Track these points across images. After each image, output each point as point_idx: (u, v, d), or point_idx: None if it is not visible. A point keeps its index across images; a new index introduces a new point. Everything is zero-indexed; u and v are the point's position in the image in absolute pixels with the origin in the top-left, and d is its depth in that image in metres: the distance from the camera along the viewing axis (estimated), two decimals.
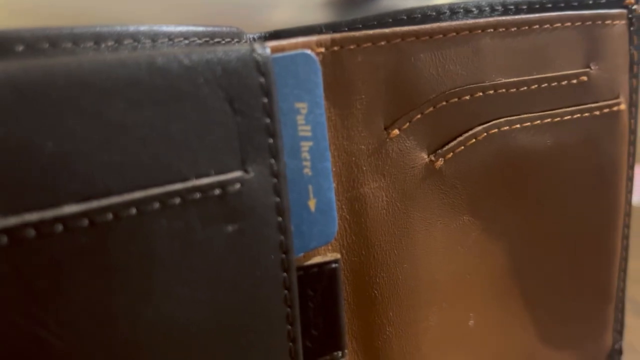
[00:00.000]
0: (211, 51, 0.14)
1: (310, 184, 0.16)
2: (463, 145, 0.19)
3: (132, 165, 0.13)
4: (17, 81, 0.11)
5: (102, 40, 0.13)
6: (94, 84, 0.12)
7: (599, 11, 0.21)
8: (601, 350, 0.25)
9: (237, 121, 0.14)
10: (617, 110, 0.22)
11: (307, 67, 0.15)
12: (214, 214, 0.14)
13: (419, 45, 0.17)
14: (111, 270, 0.13)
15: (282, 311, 0.15)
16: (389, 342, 0.18)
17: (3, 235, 0.11)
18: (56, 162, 0.12)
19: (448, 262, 0.19)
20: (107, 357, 0.13)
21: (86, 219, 0.12)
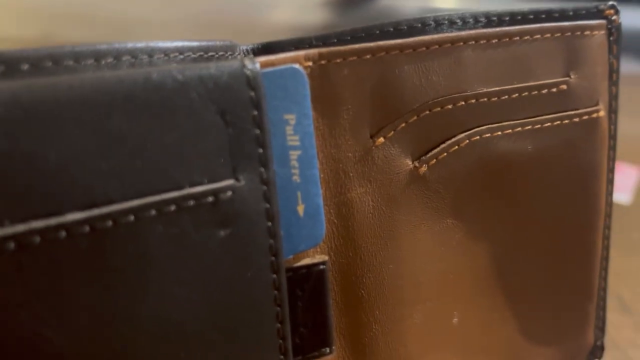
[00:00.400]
0: (204, 67, 0.15)
1: (299, 190, 0.17)
2: (446, 152, 0.20)
3: (130, 175, 0.13)
4: (22, 99, 0.12)
5: (102, 57, 0.14)
6: (94, 99, 0.13)
7: (578, 22, 0.22)
8: (583, 347, 0.26)
9: (228, 132, 0.15)
10: (597, 117, 0.22)
11: (296, 80, 0.16)
12: (207, 220, 0.15)
13: (402, 58, 0.18)
14: (110, 272, 0.13)
15: (272, 310, 0.16)
16: (376, 339, 0.19)
17: (10, 241, 0.12)
18: (59, 173, 0.13)
19: (432, 262, 0.20)
20: (105, 354, 0.14)
21: (87, 226, 0.13)
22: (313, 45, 0.18)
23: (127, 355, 0.14)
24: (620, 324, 0.33)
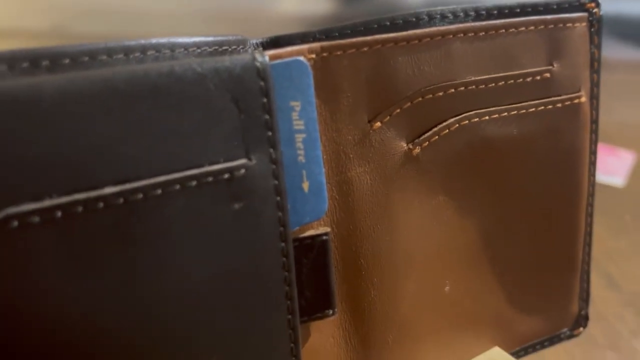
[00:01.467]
0: (219, 60, 0.17)
1: (304, 169, 0.19)
2: (437, 135, 0.22)
3: (157, 155, 0.16)
4: (66, 90, 0.14)
5: (130, 52, 0.16)
6: (126, 90, 0.15)
7: (561, 15, 0.23)
8: (568, 316, 0.28)
9: (241, 118, 0.17)
10: (578, 102, 0.24)
11: (300, 71, 0.18)
12: (223, 194, 0.17)
13: (397, 50, 0.20)
14: (139, 239, 0.16)
15: (281, 275, 0.18)
16: (373, 304, 0.22)
17: (58, 210, 0.14)
18: (98, 153, 0.15)
19: (425, 236, 0.22)
20: (131, 315, 0.16)
21: (121, 198, 0.15)
22: (317, 38, 0.20)
23: (151, 316, 0.16)
24: (608, 299, 0.35)
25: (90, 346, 0.15)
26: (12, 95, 0.14)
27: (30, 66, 0.15)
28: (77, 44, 0.16)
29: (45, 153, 0.14)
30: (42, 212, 0.14)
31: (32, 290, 0.14)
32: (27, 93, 0.14)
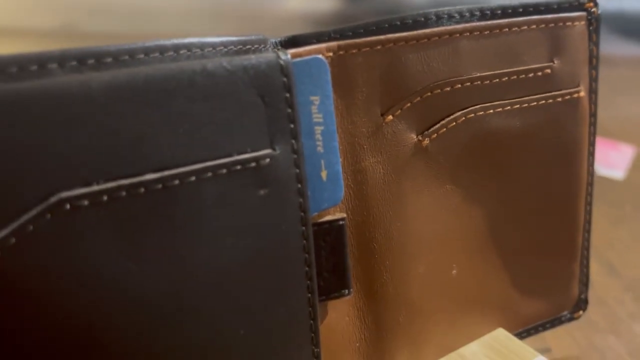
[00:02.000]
0: (246, 59, 0.18)
1: (322, 159, 0.20)
2: (445, 128, 0.23)
3: (191, 145, 0.17)
4: (109, 85, 0.16)
5: (165, 50, 0.18)
6: (164, 85, 0.17)
7: (561, 15, 0.25)
8: (569, 299, 0.29)
9: (266, 111, 0.18)
10: (577, 97, 0.26)
11: (319, 68, 0.20)
12: (250, 181, 0.18)
13: (407, 48, 0.22)
14: (176, 220, 0.17)
15: (302, 257, 0.20)
16: (386, 285, 0.23)
17: (104, 194, 0.16)
18: (139, 143, 0.16)
19: (434, 222, 0.24)
20: (170, 286, 0.18)
21: (160, 184, 0.17)
22: (332, 37, 0.22)
23: (186, 289, 0.18)
24: (608, 285, 0.36)
25: (132, 317, 0.17)
26: (64, 90, 0.15)
27: (78, 64, 0.16)
28: (118, 44, 0.17)
29: (93, 143, 0.16)
30: (90, 196, 0.16)
31: (81, 263, 0.16)
32: (77, 88, 0.15)
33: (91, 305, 0.16)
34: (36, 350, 0.16)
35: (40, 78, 0.15)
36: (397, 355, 0.24)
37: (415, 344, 0.25)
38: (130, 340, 0.17)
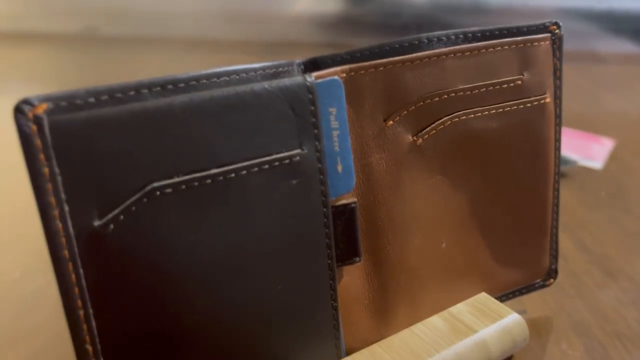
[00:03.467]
0: (282, 81, 0.24)
1: (338, 156, 0.26)
2: (435, 130, 0.29)
3: (242, 148, 0.23)
4: (185, 105, 0.22)
5: (221, 76, 0.24)
6: (222, 104, 0.23)
7: (529, 37, 0.31)
8: (541, 269, 0.35)
9: (296, 120, 0.24)
10: (544, 102, 0.32)
11: (336, 87, 0.26)
12: (285, 173, 0.24)
13: (404, 68, 0.27)
14: (232, 203, 0.23)
15: (323, 231, 0.26)
16: (388, 255, 0.29)
17: (183, 184, 0.22)
18: (207, 147, 0.22)
19: (426, 205, 0.30)
20: (229, 253, 0.23)
21: (221, 176, 0.23)
22: (344, 59, 0.27)
23: (238, 256, 0.24)
24: (579, 259, 0.42)
25: (200, 275, 0.23)
26: (155, 109, 0.21)
27: (161, 89, 0.22)
28: (186, 73, 0.23)
29: (174, 147, 0.22)
30: (173, 185, 0.22)
31: (166, 234, 0.22)
32: (164, 108, 0.21)
33: (172, 263, 0.22)
34: (138, 299, 0.22)
35: (138, 101, 0.21)
36: (397, 311, 0.30)
37: (412, 303, 0.31)
38: (199, 292, 0.23)
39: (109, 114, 0.21)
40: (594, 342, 0.33)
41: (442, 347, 0.29)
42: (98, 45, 1.03)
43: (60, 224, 0.20)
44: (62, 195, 0.20)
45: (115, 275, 0.21)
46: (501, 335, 0.31)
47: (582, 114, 0.72)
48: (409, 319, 0.31)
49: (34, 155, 0.19)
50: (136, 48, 1.03)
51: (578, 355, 0.32)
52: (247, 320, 0.24)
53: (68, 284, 0.21)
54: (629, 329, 0.35)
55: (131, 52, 1.00)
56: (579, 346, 0.33)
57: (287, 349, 0.26)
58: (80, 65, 0.94)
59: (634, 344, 0.33)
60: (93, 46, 1.03)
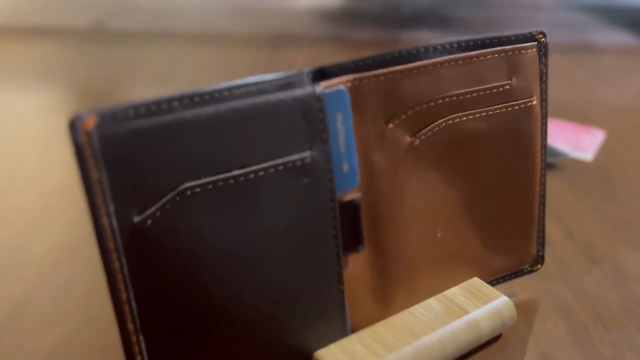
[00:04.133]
0: (294, 92, 0.27)
1: (344, 156, 0.30)
2: (431, 131, 0.32)
3: (260, 151, 0.26)
4: (211, 115, 0.25)
5: (240, 87, 0.27)
6: (243, 113, 0.26)
7: (517, 45, 0.34)
8: (528, 256, 0.39)
9: (306, 126, 0.27)
10: (531, 104, 0.35)
11: (342, 95, 0.29)
12: (297, 172, 0.27)
13: (403, 77, 0.30)
14: (253, 199, 0.26)
15: (331, 223, 0.29)
16: (388, 245, 0.32)
17: (210, 184, 0.25)
18: (230, 152, 0.25)
19: (423, 199, 0.33)
20: (251, 243, 0.27)
21: (243, 177, 0.26)
22: (349, 67, 0.30)
23: (258, 245, 0.27)
24: (566, 247, 0.45)
25: (226, 262, 0.26)
26: (186, 119, 0.24)
27: (189, 101, 0.25)
28: (210, 86, 0.26)
29: (202, 151, 0.25)
30: (201, 185, 0.25)
31: (196, 227, 0.25)
32: (193, 118, 0.25)
33: (201, 253, 0.26)
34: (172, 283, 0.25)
35: (171, 112, 0.24)
36: (397, 295, 0.34)
37: (411, 287, 0.34)
38: (225, 277, 0.26)
39: (146, 125, 0.24)
40: (576, 322, 0.37)
41: (438, 326, 0.32)
42: (107, 40, 1.06)
43: (106, 220, 0.23)
44: (108, 196, 0.23)
45: (152, 263, 0.25)
46: (491, 315, 0.34)
47: (575, 106, 0.75)
48: (407, 301, 0.34)
49: (85, 163, 0.22)
50: (144, 42, 1.05)
51: (561, 333, 0.36)
52: (265, 302, 0.28)
53: (113, 271, 0.24)
54: (609, 310, 0.38)
55: (139, 46, 1.02)
56: (562, 326, 0.37)
57: (300, 326, 0.29)
58: (90, 59, 0.97)
59: (613, 323, 0.37)
60: (102, 40, 1.06)
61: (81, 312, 0.38)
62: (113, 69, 0.91)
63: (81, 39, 1.07)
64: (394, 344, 0.31)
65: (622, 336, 0.36)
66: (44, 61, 0.96)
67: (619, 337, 0.36)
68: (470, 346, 0.33)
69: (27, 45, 1.05)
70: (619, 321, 0.37)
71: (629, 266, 0.43)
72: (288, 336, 0.29)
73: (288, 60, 0.95)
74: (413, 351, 0.31)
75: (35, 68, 0.92)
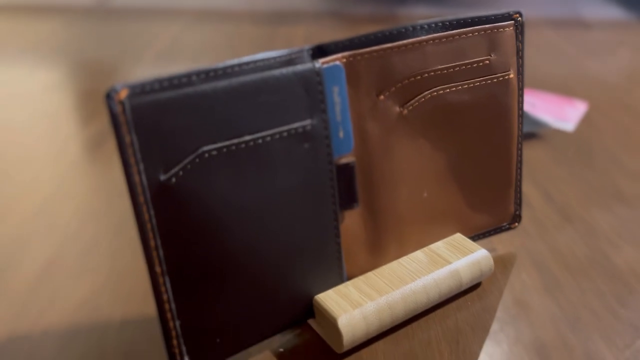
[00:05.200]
0: (296, 67, 0.31)
1: (340, 124, 0.34)
2: (418, 102, 0.36)
3: (267, 119, 0.30)
4: (225, 88, 0.29)
5: (248, 64, 0.31)
6: (253, 86, 0.30)
7: (496, 24, 0.37)
8: (507, 215, 0.43)
9: (307, 98, 0.31)
10: (508, 78, 0.39)
11: (338, 70, 0.33)
12: (300, 139, 0.32)
13: (393, 53, 0.34)
14: (261, 161, 0.30)
15: (329, 183, 0.33)
16: (381, 203, 0.37)
17: (224, 148, 0.29)
18: (241, 119, 0.29)
19: (411, 162, 0.37)
20: (260, 199, 0.31)
21: (252, 142, 0.30)
22: (345, 45, 0.34)
23: (267, 203, 0.31)
24: (544, 207, 0.49)
25: (239, 216, 0.30)
26: (203, 92, 0.28)
27: (205, 76, 0.29)
28: (223, 62, 0.30)
29: (217, 119, 0.29)
30: (217, 149, 0.29)
31: (213, 186, 0.29)
32: (210, 90, 0.29)
33: (217, 206, 0.30)
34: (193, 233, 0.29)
35: (190, 85, 0.28)
36: (388, 247, 0.38)
37: (400, 241, 0.38)
38: (238, 229, 0.31)
39: (170, 96, 0.28)
40: (548, 272, 0.41)
41: (423, 274, 0.37)
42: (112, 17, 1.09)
43: (138, 177, 0.27)
44: (139, 156, 0.27)
45: (176, 215, 0.29)
46: (471, 266, 0.38)
47: (561, 79, 0.79)
48: (396, 253, 0.38)
49: (119, 128, 0.27)
50: (149, 19, 1.08)
51: (534, 282, 0.40)
52: (273, 251, 0.32)
53: (143, 221, 0.28)
54: (578, 262, 0.42)
55: (144, 23, 1.05)
56: (536, 276, 0.41)
57: (303, 273, 0.34)
58: (96, 36, 1.00)
59: (580, 273, 0.41)
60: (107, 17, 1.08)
61: (107, 267, 0.42)
62: (119, 46, 0.94)
63: (86, 17, 1.09)
64: (384, 289, 0.35)
65: (587, 284, 0.40)
66: (50, 39, 0.99)
67: (585, 285, 0.40)
68: (451, 292, 0.38)
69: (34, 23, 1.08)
70: (586, 271, 0.41)
71: (599, 224, 0.47)
72: (292, 282, 0.34)
73: (288, 35, 0.98)
74: (401, 295, 0.35)
75: (42, 46, 0.95)
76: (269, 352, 0.35)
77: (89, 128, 0.65)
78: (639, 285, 0.40)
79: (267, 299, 0.33)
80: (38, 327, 0.36)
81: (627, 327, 0.36)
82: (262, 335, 0.34)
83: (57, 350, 0.35)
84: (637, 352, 0.34)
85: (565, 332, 0.36)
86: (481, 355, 0.34)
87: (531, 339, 0.35)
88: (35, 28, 1.04)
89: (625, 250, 0.44)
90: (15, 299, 0.39)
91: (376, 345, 0.35)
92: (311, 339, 0.35)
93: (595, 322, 0.37)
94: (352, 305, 0.34)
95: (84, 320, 0.37)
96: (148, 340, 0.35)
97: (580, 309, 0.38)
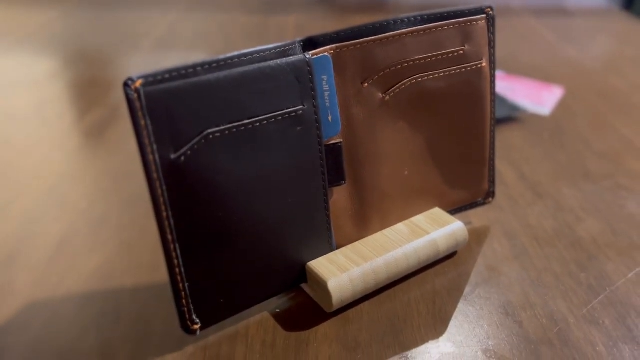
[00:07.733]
0: (289, 59, 0.35)
1: (328, 109, 0.38)
2: (398, 89, 0.40)
3: (264, 105, 0.34)
4: (226, 77, 0.33)
5: (246, 55, 0.35)
6: (251, 76, 0.34)
7: (470, 17, 0.41)
8: (482, 191, 0.47)
9: (299, 86, 0.35)
10: (481, 66, 0.43)
11: (326, 60, 0.37)
12: (293, 122, 0.36)
13: (375, 45, 0.38)
14: (258, 143, 0.34)
15: (319, 162, 0.37)
16: (365, 180, 0.41)
17: (226, 130, 0.33)
18: (241, 105, 0.33)
19: (392, 143, 0.41)
20: (257, 176, 0.35)
21: (251, 125, 0.34)
22: (333, 37, 0.38)
23: (264, 180, 0.35)
24: (517, 185, 0.54)
25: (239, 191, 0.35)
26: (208, 81, 0.32)
27: (209, 67, 0.33)
28: (224, 54, 0.34)
29: (220, 105, 0.33)
30: (220, 131, 0.33)
31: (217, 164, 0.33)
32: (213, 80, 0.32)
33: (221, 182, 0.34)
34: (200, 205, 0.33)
35: (196, 75, 0.32)
36: (372, 220, 0.42)
37: (383, 214, 0.43)
38: (239, 202, 0.35)
39: (178, 85, 0.32)
40: (518, 243, 0.46)
41: (404, 243, 0.41)
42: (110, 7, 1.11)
43: (152, 156, 0.31)
44: (152, 138, 0.31)
45: (185, 189, 0.33)
46: (447, 236, 0.43)
47: (541, 65, 0.83)
48: (380, 225, 0.43)
49: (135, 113, 0.30)
50: (145, 9, 1.11)
51: (504, 251, 0.45)
52: (270, 222, 0.36)
53: (157, 195, 0.32)
54: (545, 233, 0.47)
55: (141, 12, 1.08)
56: (507, 246, 0.45)
57: (296, 242, 0.38)
58: (94, 25, 1.03)
59: (547, 243, 0.46)
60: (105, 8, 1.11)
61: (117, 240, 0.46)
62: (117, 36, 0.97)
63: (84, 6, 1.12)
64: (369, 256, 0.40)
65: (553, 252, 0.45)
66: (54, 28, 1.01)
67: (550, 253, 0.45)
68: (430, 260, 0.42)
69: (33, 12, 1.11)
70: (552, 241, 0.46)
71: (566, 199, 0.51)
72: (287, 250, 0.38)
73: (280, 24, 1.01)
74: (384, 261, 0.39)
75: (41, 35, 0.98)
76: (267, 313, 0.39)
77: (91, 115, 0.69)
78: (598, 253, 0.44)
79: (265, 265, 0.37)
80: (58, 292, 0.41)
81: (586, 289, 0.41)
82: (261, 297, 0.38)
83: (76, 312, 0.39)
84: (593, 311, 0.39)
85: (530, 293, 0.40)
86: (455, 313, 0.38)
87: (500, 300, 0.40)
88: (34, 17, 1.07)
89: (589, 222, 0.48)
90: (35, 269, 0.43)
91: (362, 306, 0.39)
92: (304, 301, 0.40)
93: (557, 285, 0.41)
94: (340, 270, 0.38)
95: (99, 287, 0.41)
96: (158, 304, 0.39)
97: (544, 273, 0.42)
